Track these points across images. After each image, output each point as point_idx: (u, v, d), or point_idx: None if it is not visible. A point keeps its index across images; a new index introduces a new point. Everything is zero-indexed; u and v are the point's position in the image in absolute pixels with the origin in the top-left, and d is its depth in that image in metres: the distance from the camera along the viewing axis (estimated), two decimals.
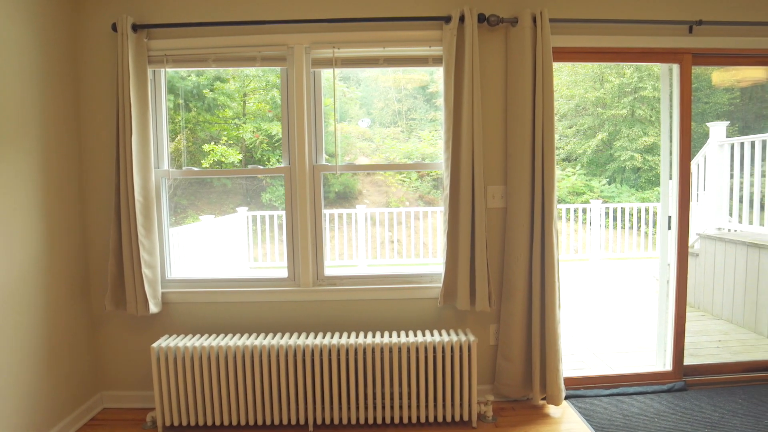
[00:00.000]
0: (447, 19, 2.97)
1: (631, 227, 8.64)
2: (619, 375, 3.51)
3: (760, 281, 4.61)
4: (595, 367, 3.87)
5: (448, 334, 3.01)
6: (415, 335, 3.01)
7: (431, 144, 10.76)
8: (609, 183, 12.98)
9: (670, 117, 3.38)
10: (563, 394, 3.16)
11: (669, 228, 3.43)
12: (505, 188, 3.16)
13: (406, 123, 11.71)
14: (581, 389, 3.41)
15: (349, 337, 3.00)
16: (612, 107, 12.80)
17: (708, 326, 4.92)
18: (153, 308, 3.04)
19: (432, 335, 2.99)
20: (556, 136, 13.64)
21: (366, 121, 11.37)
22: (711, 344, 4.41)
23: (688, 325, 4.94)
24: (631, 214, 8.79)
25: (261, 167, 3.60)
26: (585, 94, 13.22)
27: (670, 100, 3.38)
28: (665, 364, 3.54)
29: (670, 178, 3.41)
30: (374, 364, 2.92)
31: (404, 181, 11.28)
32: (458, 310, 3.16)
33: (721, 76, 10.37)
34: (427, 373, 2.93)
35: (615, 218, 8.91)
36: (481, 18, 3.01)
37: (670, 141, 3.38)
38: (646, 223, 8.83)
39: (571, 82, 13.32)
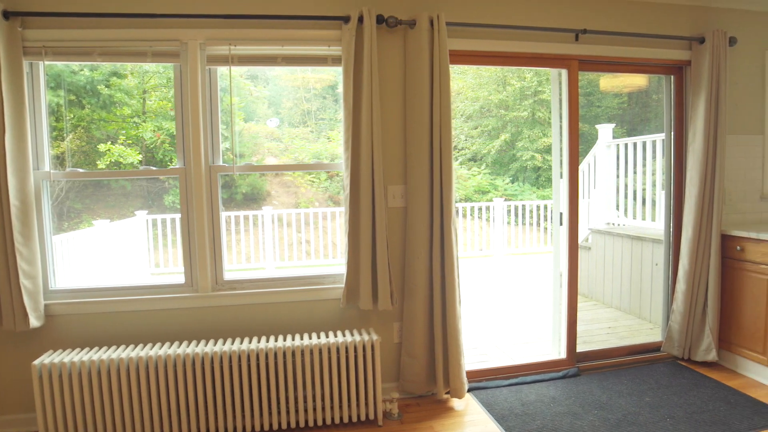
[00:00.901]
0: (346, 20, 2.97)
1: (531, 224, 9.09)
2: (519, 365, 3.67)
3: (642, 271, 5.00)
4: (498, 359, 4.03)
5: (352, 335, 3.01)
6: (319, 337, 2.98)
7: (341, 144, 10.74)
8: (512, 182, 13.59)
9: (560, 119, 3.58)
10: (466, 387, 3.26)
11: (561, 224, 3.62)
12: (405, 188, 3.21)
13: (315, 123, 11.64)
14: (483, 381, 3.53)
15: (250, 342, 2.93)
16: (514, 109, 13.37)
17: (600, 314, 5.26)
18: (34, 322, 2.81)
19: (336, 336, 2.98)
20: (462, 137, 14.14)
21: (274, 120, 11.17)
22: (602, 331, 4.72)
23: (582, 315, 5.27)
24: (531, 211, 9.25)
25: (154, 168, 3.42)
26: (489, 96, 13.72)
27: (560, 102, 3.58)
28: (560, 353, 3.74)
29: (561, 177, 3.61)
30: (278, 369, 2.86)
31: (314, 182, 11.21)
32: (362, 309, 3.17)
33: (609, 82, 11.14)
34: (331, 375, 2.91)
35: (518, 215, 9.33)
36: (380, 19, 3.03)
37: (561, 141, 3.57)
38: (545, 220, 9.33)
39: (476, 85, 13.78)
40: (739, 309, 3.64)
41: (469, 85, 13.90)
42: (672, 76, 3.84)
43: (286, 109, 11.69)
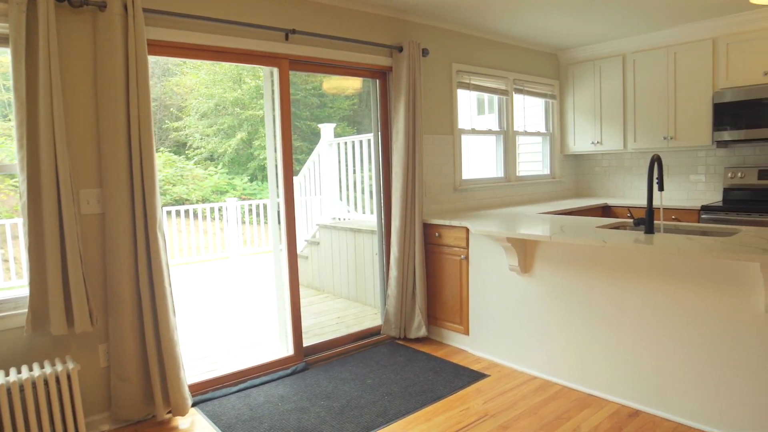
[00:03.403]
0: None
1: (266, 223, 9.11)
2: (249, 368, 3.58)
3: (365, 261, 5.37)
4: (229, 365, 3.88)
5: (42, 367, 2.55)
6: None
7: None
8: (251, 181, 13.49)
9: (273, 118, 3.58)
10: (189, 402, 3.05)
11: (279, 222, 3.64)
12: (102, 191, 2.84)
13: None
14: (210, 392, 3.35)
15: None
16: (250, 108, 13.26)
17: (331, 306, 5.50)
18: None
19: (20, 373, 2.50)
20: (198, 136, 13.52)
21: None
22: (332, 322, 4.92)
23: (314, 308, 5.43)
24: (267, 210, 9.24)
25: None
26: (224, 93, 13.35)
27: (273, 101, 3.58)
28: (288, 349, 3.77)
29: (276, 176, 3.62)
30: None
31: (17, 186, 9.48)
32: (55, 335, 2.71)
33: (331, 84, 11.79)
34: (15, 421, 2.42)
35: (252, 215, 9.26)
36: None
37: (275, 140, 3.58)
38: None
39: (209, 81, 13.28)
40: (441, 288, 4.14)
41: (203, 82, 13.34)
42: (377, 80, 4.17)
43: None
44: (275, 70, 3.55)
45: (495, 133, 5.24)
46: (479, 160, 5.96)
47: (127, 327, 2.83)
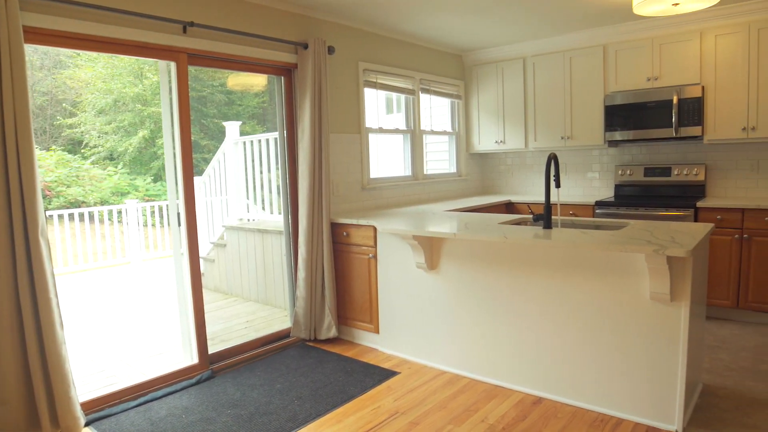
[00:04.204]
0: None
1: (170, 224, 8.71)
2: (151, 380, 3.38)
3: (274, 262, 5.25)
4: (128, 378, 3.65)
5: None
6: None
7: None
8: (155, 181, 12.84)
9: (172, 114, 3.40)
10: (82, 422, 2.83)
11: (179, 224, 3.47)
12: None
13: None
14: (107, 408, 3.13)
15: None
16: (152, 104, 12.62)
17: (239, 310, 5.33)
18: None
19: None
20: (95, 133, 12.69)
21: None
22: (241, 326, 4.77)
23: (222, 312, 5.25)
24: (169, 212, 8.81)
25: None
26: (124, 89, 12.62)
27: (171, 97, 3.40)
28: (193, 358, 3.60)
29: (175, 176, 3.44)
30: None
31: None
32: None
33: (237, 80, 11.47)
34: None
35: (161, 216, 8.81)
36: None
37: (173, 139, 3.40)
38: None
39: (107, 75, 12.50)
40: (350, 287, 4.12)
41: (99, 76, 12.52)
42: (282, 78, 4.07)
43: None
44: (172, 65, 3.37)
45: (402, 132, 5.29)
46: (388, 158, 6.00)
47: (6, 345, 2.57)
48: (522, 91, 5.55)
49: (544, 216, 3.17)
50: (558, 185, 3.09)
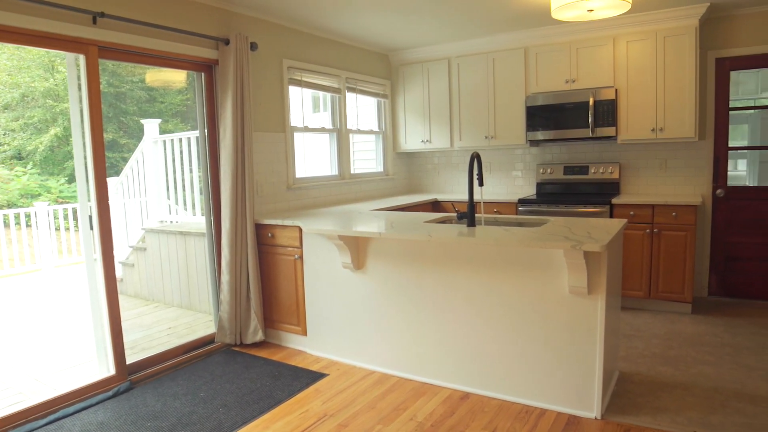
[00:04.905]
0: None
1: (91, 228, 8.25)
2: (63, 395, 3.16)
3: (197, 265, 5.07)
4: (37, 395, 3.39)
5: None
6: None
7: None
8: (69, 182, 12.10)
9: (81, 111, 3.20)
10: None
11: (91, 228, 3.27)
12: None
13: None
14: (12, 429, 2.90)
15: None
16: (66, 100, 11.88)
17: (161, 316, 5.10)
18: None
19: None
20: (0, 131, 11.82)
21: None
22: (162, 333, 4.56)
23: (143, 319, 5.01)
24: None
25: None
26: (33, 83, 11.81)
27: (80, 93, 3.20)
28: (109, 369, 3.40)
29: (86, 176, 3.25)
30: None
31: None
32: None
33: (156, 76, 10.98)
34: None
35: (76, 220, 8.31)
36: None
37: (83, 137, 3.20)
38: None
39: (14, 68, 11.65)
40: (277, 289, 4.03)
41: (4, 68, 11.65)
42: (203, 74, 3.93)
43: None
44: (81, 58, 3.16)
45: (328, 131, 5.24)
46: (314, 158, 5.93)
47: None
48: (447, 91, 5.63)
49: (468, 214, 3.22)
50: (481, 184, 3.15)
